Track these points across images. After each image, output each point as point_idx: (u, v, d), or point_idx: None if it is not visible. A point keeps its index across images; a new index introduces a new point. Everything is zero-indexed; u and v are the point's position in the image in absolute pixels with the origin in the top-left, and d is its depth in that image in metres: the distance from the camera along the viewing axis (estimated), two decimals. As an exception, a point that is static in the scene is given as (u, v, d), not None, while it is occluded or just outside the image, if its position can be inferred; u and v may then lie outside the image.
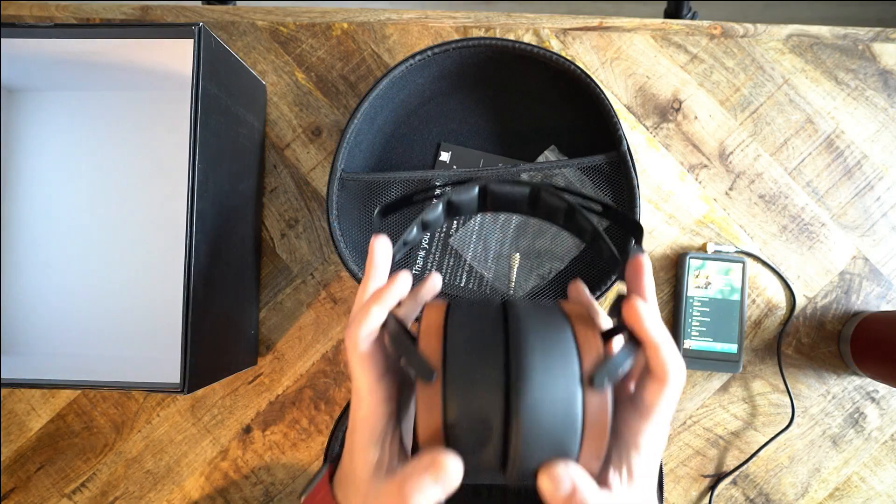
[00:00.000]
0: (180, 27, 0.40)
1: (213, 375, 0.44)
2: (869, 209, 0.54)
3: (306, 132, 0.55)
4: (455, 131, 0.54)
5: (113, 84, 0.53)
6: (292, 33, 0.55)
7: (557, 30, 0.55)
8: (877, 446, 0.53)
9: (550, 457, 0.26)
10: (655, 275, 0.54)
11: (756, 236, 0.54)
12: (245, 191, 0.49)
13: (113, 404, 0.53)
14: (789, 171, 0.54)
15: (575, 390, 0.26)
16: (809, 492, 0.53)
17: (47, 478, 0.53)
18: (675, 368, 0.29)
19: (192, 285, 0.39)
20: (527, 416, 0.25)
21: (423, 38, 0.55)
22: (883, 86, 0.54)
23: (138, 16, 0.55)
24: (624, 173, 0.48)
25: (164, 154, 0.54)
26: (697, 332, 0.52)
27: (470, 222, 0.53)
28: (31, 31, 0.42)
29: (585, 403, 0.26)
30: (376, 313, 0.31)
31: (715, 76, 0.55)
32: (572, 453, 0.26)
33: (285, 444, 0.53)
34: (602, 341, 0.28)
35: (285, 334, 0.54)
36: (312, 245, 0.54)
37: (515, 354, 0.26)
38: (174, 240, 0.53)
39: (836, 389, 0.53)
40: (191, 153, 0.39)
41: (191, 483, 0.53)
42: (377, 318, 0.31)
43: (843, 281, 0.54)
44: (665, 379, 0.29)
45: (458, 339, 0.27)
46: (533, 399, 0.25)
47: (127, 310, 0.53)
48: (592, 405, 0.26)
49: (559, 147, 0.53)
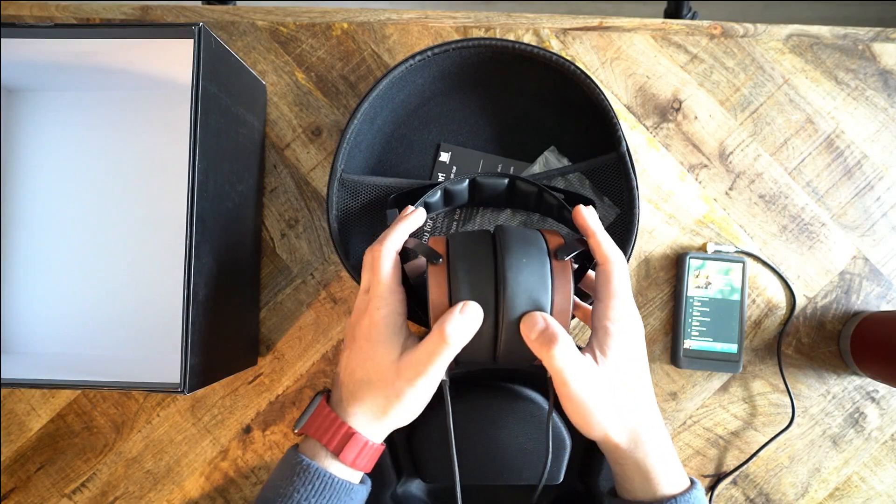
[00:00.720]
0: (180, 27, 0.40)
1: (213, 375, 0.44)
2: (869, 209, 0.54)
3: (306, 132, 0.55)
4: (455, 131, 0.54)
5: (113, 84, 0.53)
6: (292, 33, 0.55)
7: (557, 30, 0.55)
8: (877, 446, 0.53)
9: (529, 308, 0.34)
10: (656, 274, 0.54)
11: (756, 236, 0.54)
12: (245, 191, 0.49)
13: (113, 404, 0.53)
14: (789, 171, 0.54)
15: (544, 260, 0.35)
16: (809, 492, 0.53)
17: (47, 478, 0.53)
18: (612, 251, 0.36)
19: (191, 285, 0.39)
20: (511, 279, 0.34)
21: (423, 38, 0.55)
22: (883, 86, 0.54)
23: (138, 16, 0.55)
24: (623, 173, 0.48)
25: (164, 154, 0.54)
26: (697, 332, 0.52)
27: (468, 225, 0.53)
28: (31, 31, 0.42)
29: (552, 269, 0.35)
30: (401, 233, 0.38)
31: (715, 76, 0.55)
32: (546, 307, 0.35)
33: (285, 444, 0.53)
34: (561, 236, 0.37)
35: (285, 334, 0.54)
36: (312, 245, 0.54)
37: (500, 243, 0.35)
38: (174, 240, 0.53)
39: (836, 389, 0.53)
40: (191, 153, 0.39)
41: (191, 483, 0.53)
42: (401, 237, 0.38)
43: (843, 281, 0.54)
44: (606, 262, 0.36)
45: (458, 238, 0.37)
46: (514, 267, 0.34)
47: (127, 310, 0.53)
48: (557, 269, 0.35)
49: (559, 147, 0.53)
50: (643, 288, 0.54)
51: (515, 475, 0.45)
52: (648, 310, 0.54)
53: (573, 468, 0.47)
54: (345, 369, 0.38)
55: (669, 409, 0.53)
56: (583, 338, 0.54)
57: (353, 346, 0.37)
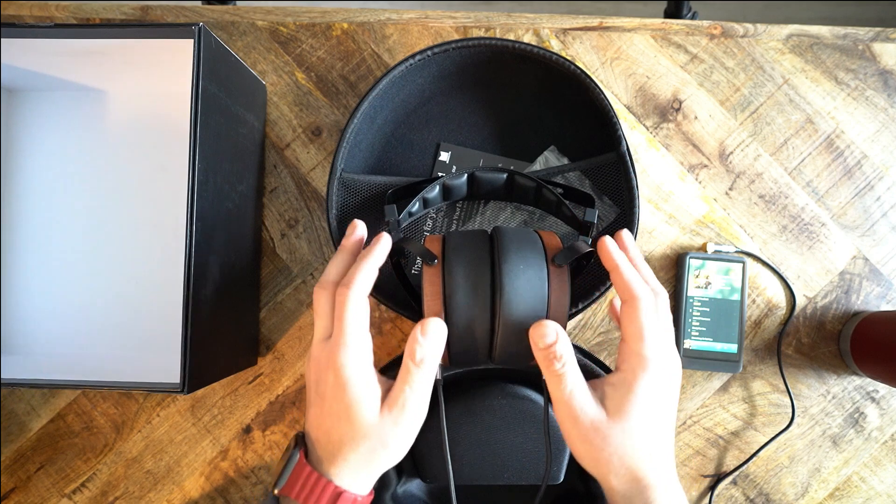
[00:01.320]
0: (180, 27, 0.40)
1: (213, 375, 0.44)
2: (869, 209, 0.54)
3: (306, 132, 0.55)
4: (455, 131, 0.54)
5: (113, 84, 0.53)
6: (292, 33, 0.55)
7: (557, 30, 0.55)
8: (877, 446, 0.53)
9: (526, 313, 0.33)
10: (656, 274, 0.54)
11: (756, 236, 0.54)
12: (245, 191, 0.49)
13: (113, 404, 0.53)
14: (789, 171, 0.54)
15: (542, 265, 0.34)
16: (809, 492, 0.53)
17: (47, 478, 0.53)
18: (638, 287, 0.34)
19: (191, 285, 0.39)
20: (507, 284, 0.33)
21: (423, 38, 0.55)
22: (883, 86, 0.54)
23: (138, 16, 0.55)
24: (623, 173, 0.48)
25: (164, 154, 0.54)
26: (697, 332, 0.52)
27: (467, 224, 0.53)
28: (31, 31, 0.42)
29: (549, 274, 0.34)
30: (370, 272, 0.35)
31: (715, 76, 0.55)
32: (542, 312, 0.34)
33: (285, 445, 0.53)
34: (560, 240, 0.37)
35: (285, 334, 0.54)
36: (312, 245, 0.54)
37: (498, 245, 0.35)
38: (174, 240, 0.53)
39: (836, 389, 0.53)
40: (191, 153, 0.39)
41: (191, 483, 0.53)
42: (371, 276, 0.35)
43: (843, 281, 0.54)
44: (631, 300, 0.33)
45: (455, 238, 0.36)
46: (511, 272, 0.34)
47: (127, 310, 0.53)
48: (555, 275, 0.35)
49: (559, 147, 0.53)
50: (643, 288, 0.54)
51: (515, 475, 0.45)
52: (648, 310, 0.54)
53: (573, 468, 0.47)
54: (317, 428, 0.34)
55: (669, 409, 0.53)
56: (581, 338, 0.54)
57: (321, 404, 0.34)
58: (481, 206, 0.53)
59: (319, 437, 0.34)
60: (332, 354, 0.33)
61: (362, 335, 0.34)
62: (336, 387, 0.33)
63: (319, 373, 0.34)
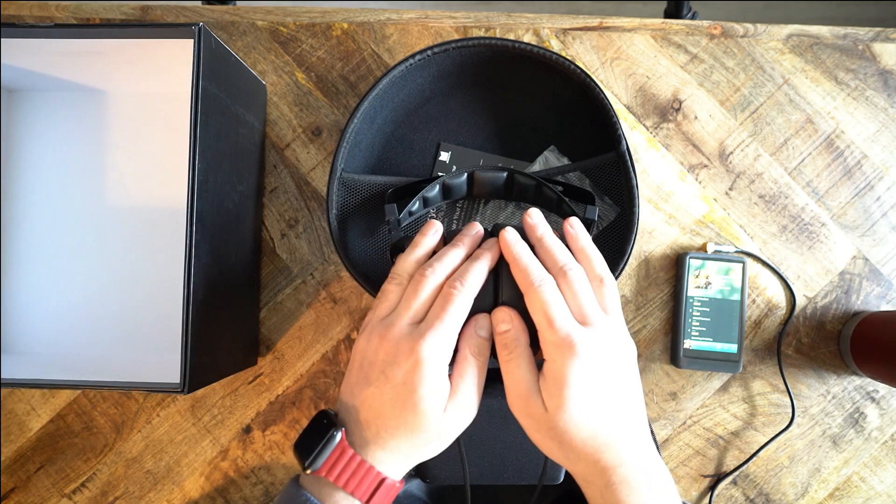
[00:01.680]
0: (180, 27, 0.40)
1: (213, 375, 0.44)
2: (869, 209, 0.54)
3: (306, 132, 0.55)
4: (455, 131, 0.54)
5: (113, 84, 0.53)
6: (292, 33, 0.55)
7: (557, 30, 0.55)
8: (877, 446, 0.53)
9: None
10: (655, 274, 0.54)
11: (756, 236, 0.54)
12: (245, 191, 0.49)
13: (113, 404, 0.53)
14: (789, 171, 0.54)
15: None
16: (809, 492, 0.53)
17: (47, 478, 0.53)
18: (534, 273, 0.33)
19: (191, 285, 0.39)
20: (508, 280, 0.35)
21: (423, 38, 0.55)
22: (883, 86, 0.54)
23: (138, 16, 0.55)
24: (623, 173, 0.48)
25: (164, 154, 0.54)
26: (697, 332, 0.52)
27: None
28: (31, 31, 0.42)
29: None
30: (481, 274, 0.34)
31: (715, 76, 0.55)
32: None
33: (285, 444, 0.53)
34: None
35: (285, 334, 0.54)
36: (312, 245, 0.54)
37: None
38: (174, 240, 0.53)
39: (836, 389, 0.53)
40: (191, 153, 0.39)
41: (191, 483, 0.53)
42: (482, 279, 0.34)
43: (843, 281, 0.54)
44: (525, 288, 0.33)
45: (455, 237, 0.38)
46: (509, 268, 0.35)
47: (127, 310, 0.53)
48: None
49: (559, 147, 0.53)
50: (643, 288, 0.54)
51: (515, 475, 0.45)
52: (648, 310, 0.54)
53: None
54: (369, 409, 0.33)
55: (669, 409, 0.53)
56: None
57: (382, 386, 0.32)
58: (481, 206, 0.53)
59: (370, 418, 0.33)
60: (420, 343, 0.32)
61: (456, 334, 0.33)
62: (413, 374, 0.31)
63: (393, 355, 0.32)
